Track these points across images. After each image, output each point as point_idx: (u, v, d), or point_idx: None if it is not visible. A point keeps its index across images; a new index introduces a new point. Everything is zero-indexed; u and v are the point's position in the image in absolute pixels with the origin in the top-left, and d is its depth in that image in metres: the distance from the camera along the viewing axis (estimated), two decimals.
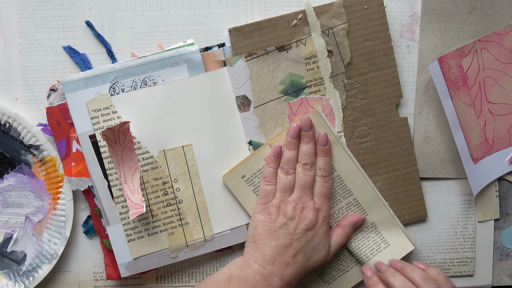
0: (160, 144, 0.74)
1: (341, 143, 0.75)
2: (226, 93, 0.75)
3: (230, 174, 0.75)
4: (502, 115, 0.77)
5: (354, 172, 0.76)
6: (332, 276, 0.78)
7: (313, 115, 0.74)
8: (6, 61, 0.76)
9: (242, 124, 0.76)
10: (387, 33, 0.75)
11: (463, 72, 0.75)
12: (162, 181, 0.74)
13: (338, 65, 0.75)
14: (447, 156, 0.79)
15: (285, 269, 0.70)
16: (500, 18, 0.77)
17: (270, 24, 0.74)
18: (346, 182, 0.76)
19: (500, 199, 0.80)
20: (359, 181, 0.76)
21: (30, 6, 0.75)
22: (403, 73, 0.78)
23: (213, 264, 0.79)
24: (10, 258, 0.77)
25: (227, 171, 0.76)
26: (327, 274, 0.78)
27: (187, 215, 0.75)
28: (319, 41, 0.75)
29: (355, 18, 0.75)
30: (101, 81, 0.73)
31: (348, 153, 0.75)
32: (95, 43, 0.76)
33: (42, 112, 0.76)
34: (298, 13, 0.74)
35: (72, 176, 0.74)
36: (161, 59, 0.73)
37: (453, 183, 0.80)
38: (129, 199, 0.71)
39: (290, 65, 0.75)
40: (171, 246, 0.75)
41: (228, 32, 0.74)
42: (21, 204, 0.77)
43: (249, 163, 0.75)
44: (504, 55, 0.75)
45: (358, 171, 0.76)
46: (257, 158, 0.75)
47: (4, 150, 0.76)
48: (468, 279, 0.81)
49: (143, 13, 0.76)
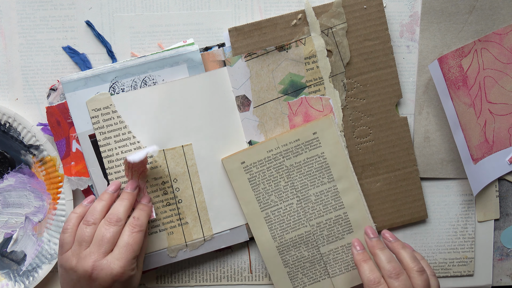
0: (160, 143, 0.74)
1: (346, 155, 0.75)
2: (226, 93, 0.75)
3: (230, 157, 0.75)
4: (502, 115, 0.77)
5: (352, 187, 0.76)
6: (303, 282, 0.78)
7: (326, 120, 0.74)
8: (6, 61, 0.76)
9: (242, 124, 0.76)
10: (386, 33, 0.75)
11: (463, 72, 0.75)
12: (161, 180, 0.74)
13: (337, 65, 0.75)
14: (447, 156, 0.79)
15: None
16: (500, 18, 0.77)
17: (270, 24, 0.74)
18: (341, 195, 0.76)
19: (500, 199, 0.80)
20: (354, 197, 0.76)
21: (30, 6, 0.75)
22: (403, 73, 0.78)
23: (213, 264, 0.79)
24: (10, 258, 0.77)
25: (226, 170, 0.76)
26: (298, 280, 0.78)
27: (187, 215, 0.75)
28: (318, 41, 0.75)
29: (355, 18, 0.75)
30: (101, 81, 0.73)
31: (350, 168, 0.76)
32: (95, 43, 0.76)
33: (42, 112, 0.76)
34: (298, 13, 0.74)
35: (72, 175, 0.74)
36: (161, 59, 0.73)
37: (453, 183, 0.80)
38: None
39: (290, 65, 0.75)
40: (170, 245, 0.75)
41: (228, 32, 0.74)
42: (21, 204, 0.77)
43: (251, 151, 0.75)
44: (504, 55, 0.75)
45: (356, 186, 0.76)
46: (260, 149, 0.75)
47: (4, 150, 0.76)
48: (468, 279, 0.81)
49: (143, 13, 0.76)
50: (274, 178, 0.75)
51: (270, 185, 0.75)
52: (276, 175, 0.75)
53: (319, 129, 0.75)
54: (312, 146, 0.75)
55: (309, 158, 0.75)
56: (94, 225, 0.66)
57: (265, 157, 0.75)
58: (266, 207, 0.76)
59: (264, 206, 0.76)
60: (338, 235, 0.77)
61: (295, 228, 0.76)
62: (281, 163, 0.75)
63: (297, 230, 0.76)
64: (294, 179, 0.75)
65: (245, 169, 0.75)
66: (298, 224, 0.76)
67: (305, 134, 0.75)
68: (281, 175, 0.75)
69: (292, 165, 0.75)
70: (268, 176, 0.75)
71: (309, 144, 0.75)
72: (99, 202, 0.69)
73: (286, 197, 0.76)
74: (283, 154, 0.75)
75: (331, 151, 0.75)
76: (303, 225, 0.76)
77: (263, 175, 0.75)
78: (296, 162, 0.75)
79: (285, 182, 0.75)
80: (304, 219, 0.76)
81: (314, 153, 0.75)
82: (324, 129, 0.75)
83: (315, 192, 0.76)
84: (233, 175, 0.75)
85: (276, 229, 0.76)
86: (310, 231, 0.76)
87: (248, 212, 0.76)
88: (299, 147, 0.75)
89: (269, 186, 0.76)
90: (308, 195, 0.76)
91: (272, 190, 0.76)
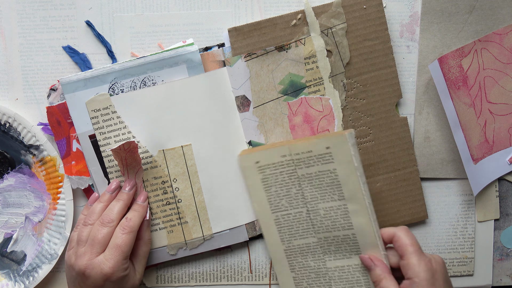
0: (160, 144, 0.74)
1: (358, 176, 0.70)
2: (226, 93, 0.75)
3: (247, 155, 0.74)
4: (502, 115, 0.77)
5: (362, 211, 0.71)
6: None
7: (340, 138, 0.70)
8: (6, 61, 0.76)
9: (242, 124, 0.76)
10: (386, 33, 0.75)
11: (463, 72, 0.75)
12: (161, 180, 0.75)
13: (337, 65, 0.75)
14: (447, 156, 0.78)
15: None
16: (500, 18, 0.76)
17: (269, 24, 0.74)
18: (351, 216, 0.71)
19: (500, 199, 0.80)
20: (365, 221, 0.71)
21: (30, 6, 0.75)
22: (403, 73, 0.78)
23: (213, 264, 0.79)
24: (10, 258, 0.77)
25: (226, 171, 0.76)
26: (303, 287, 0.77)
27: (186, 214, 0.75)
28: (318, 41, 0.75)
29: (354, 18, 0.75)
30: (100, 82, 0.73)
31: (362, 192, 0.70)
32: (95, 43, 0.76)
33: (42, 112, 0.76)
34: (298, 13, 0.74)
35: (72, 174, 0.74)
36: (160, 60, 0.73)
37: (453, 183, 0.80)
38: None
39: (290, 65, 0.75)
40: (170, 243, 0.75)
41: (228, 32, 0.74)
42: (21, 204, 0.77)
43: (266, 152, 0.73)
44: (504, 55, 0.75)
45: (367, 211, 0.71)
46: (274, 152, 0.73)
47: (4, 150, 0.76)
48: (468, 279, 0.81)
49: (143, 13, 0.76)
50: (286, 183, 0.73)
51: (282, 190, 0.74)
52: (288, 181, 0.73)
53: (333, 145, 0.70)
54: (325, 160, 0.71)
55: (321, 171, 0.71)
56: (91, 226, 0.70)
57: (278, 161, 0.73)
58: (277, 210, 0.74)
59: (275, 209, 0.74)
60: (345, 253, 0.73)
61: (303, 236, 0.74)
62: (294, 170, 0.73)
63: (305, 239, 0.74)
64: (305, 189, 0.73)
65: (259, 169, 0.74)
66: (306, 233, 0.74)
67: (318, 147, 0.71)
68: (293, 182, 0.73)
69: (303, 175, 0.72)
70: (280, 180, 0.73)
71: (322, 158, 0.71)
72: (98, 204, 0.72)
73: (296, 204, 0.74)
74: (295, 162, 0.72)
75: (343, 169, 0.70)
76: (311, 235, 0.74)
77: (275, 178, 0.74)
78: (308, 173, 0.72)
79: (296, 190, 0.73)
80: (312, 230, 0.74)
81: (326, 167, 0.71)
82: (337, 146, 0.70)
83: (325, 207, 0.72)
84: (247, 173, 0.75)
85: (285, 233, 0.75)
86: (317, 242, 0.74)
87: (259, 211, 0.75)
88: (311, 159, 0.72)
89: (281, 190, 0.74)
90: (317, 208, 0.73)
91: (284, 194, 0.74)
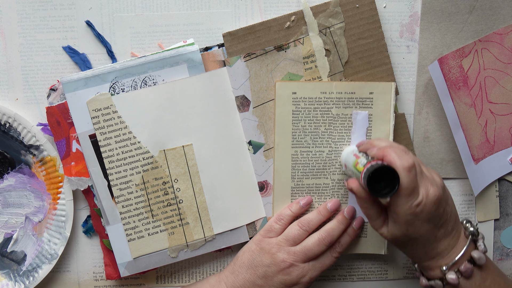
0: (160, 144, 0.74)
1: (391, 127, 0.75)
2: (226, 93, 0.75)
3: (286, 82, 0.75)
4: (503, 115, 0.76)
5: None
6: None
7: (387, 86, 0.74)
8: (6, 61, 0.76)
9: (242, 124, 0.76)
10: (380, 31, 0.75)
11: (463, 72, 0.75)
12: (162, 181, 0.75)
13: (336, 64, 0.75)
14: (447, 156, 0.78)
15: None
16: (500, 18, 0.76)
17: (263, 27, 0.74)
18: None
19: (500, 199, 0.80)
20: None
21: (30, 6, 0.75)
22: (403, 73, 0.78)
23: (213, 264, 0.79)
24: (10, 258, 0.77)
25: (226, 171, 0.76)
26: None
27: (188, 215, 0.75)
28: (316, 40, 0.75)
29: (348, 17, 0.75)
30: (101, 81, 0.73)
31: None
32: (95, 43, 0.76)
33: (42, 112, 0.76)
34: (291, 15, 0.74)
35: (72, 175, 0.74)
36: (161, 59, 0.73)
37: (453, 183, 0.80)
38: None
39: (289, 64, 0.75)
40: (171, 246, 0.75)
41: (222, 37, 0.74)
42: (21, 204, 0.77)
43: (306, 85, 0.75)
44: (505, 55, 0.75)
45: None
46: (316, 87, 0.74)
47: (4, 150, 0.76)
48: None
49: (143, 13, 0.76)
50: (317, 120, 0.75)
51: (310, 126, 0.75)
52: (320, 118, 0.75)
53: (377, 91, 0.74)
54: (364, 104, 0.75)
55: None
56: (306, 232, 0.73)
57: (316, 97, 0.74)
58: (298, 145, 0.75)
59: (296, 144, 0.75)
60: None
61: (316, 176, 0.76)
62: (329, 109, 0.75)
63: (317, 179, 0.76)
64: (335, 129, 0.75)
65: (294, 100, 0.75)
66: (321, 174, 0.76)
67: (362, 90, 0.74)
68: (325, 120, 0.75)
69: (338, 114, 0.75)
70: (312, 116, 0.75)
71: (362, 102, 0.75)
72: (317, 216, 0.74)
73: (320, 143, 0.75)
74: (334, 101, 0.74)
75: (379, 117, 0.75)
76: (325, 176, 0.76)
77: (307, 113, 0.75)
78: (343, 114, 0.75)
79: (325, 129, 0.75)
80: (328, 171, 0.76)
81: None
82: (381, 92, 0.74)
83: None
84: (280, 101, 0.75)
85: (298, 170, 0.76)
86: (329, 184, 0.76)
87: (279, 142, 0.75)
88: (351, 100, 0.75)
89: (309, 126, 0.75)
90: (341, 149, 0.75)
91: (310, 131, 0.75)
